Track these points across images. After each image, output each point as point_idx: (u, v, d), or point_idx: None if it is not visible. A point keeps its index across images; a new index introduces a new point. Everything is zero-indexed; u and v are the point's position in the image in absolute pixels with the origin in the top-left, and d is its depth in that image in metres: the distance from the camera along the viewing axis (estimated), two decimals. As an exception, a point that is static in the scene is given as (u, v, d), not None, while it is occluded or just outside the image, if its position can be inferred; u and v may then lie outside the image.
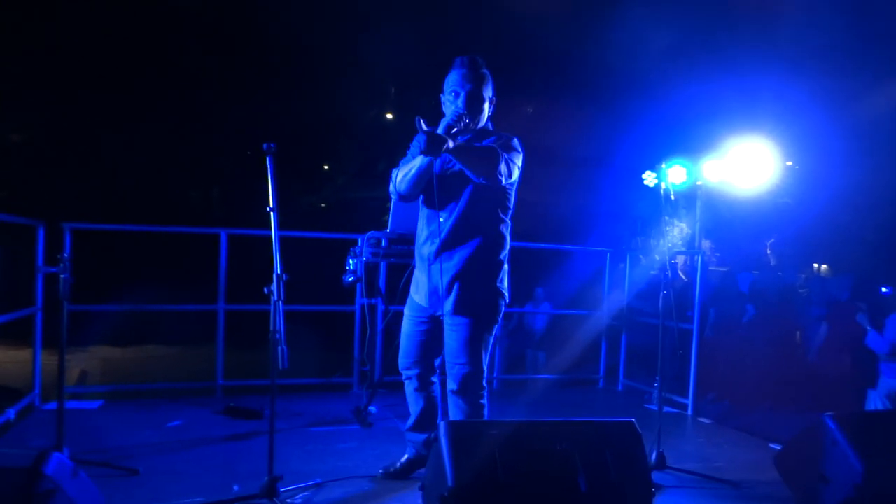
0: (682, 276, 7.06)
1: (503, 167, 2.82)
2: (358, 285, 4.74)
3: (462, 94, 2.90)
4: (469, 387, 2.97)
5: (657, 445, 3.53)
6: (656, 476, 3.43)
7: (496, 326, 3.07)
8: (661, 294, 3.67)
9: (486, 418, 3.01)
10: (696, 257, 5.44)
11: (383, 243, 4.20)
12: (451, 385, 3.00)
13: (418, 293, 3.12)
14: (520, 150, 2.98)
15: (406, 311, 3.21)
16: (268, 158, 2.89)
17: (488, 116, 3.05)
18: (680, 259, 8.31)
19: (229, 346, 4.86)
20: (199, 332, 5.50)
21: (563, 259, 8.25)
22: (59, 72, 14.26)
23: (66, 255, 3.11)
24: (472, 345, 2.95)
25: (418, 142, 2.62)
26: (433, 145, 2.60)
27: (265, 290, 2.81)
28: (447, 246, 2.95)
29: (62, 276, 3.07)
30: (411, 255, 4.22)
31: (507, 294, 3.07)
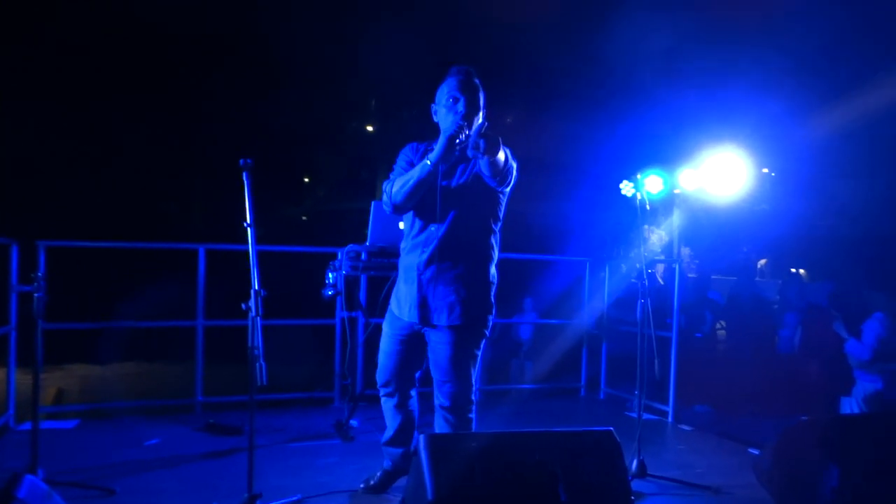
0: (661, 283, 7.13)
1: (511, 175, 2.84)
2: (338, 299, 4.72)
3: (462, 99, 2.82)
4: (459, 402, 2.92)
5: (637, 453, 3.55)
6: (637, 484, 3.46)
7: (484, 340, 3.02)
8: (639, 302, 3.70)
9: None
10: (673, 265, 5.50)
11: (363, 256, 4.20)
12: (442, 401, 2.94)
13: (400, 306, 3.01)
14: (514, 160, 2.96)
15: (385, 327, 3.12)
16: (244, 174, 2.88)
17: None
18: (659, 267, 8.40)
19: (209, 362, 4.82)
20: (179, 349, 5.44)
21: (543, 269, 8.29)
22: (32, 85, 14.12)
23: (40, 273, 3.07)
24: (464, 359, 2.91)
25: (477, 144, 2.54)
26: (493, 145, 2.57)
27: (243, 305, 2.80)
28: (438, 257, 2.88)
29: (36, 294, 3.03)
30: (392, 268, 4.23)
31: (494, 307, 3.05)
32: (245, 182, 2.88)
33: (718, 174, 5.83)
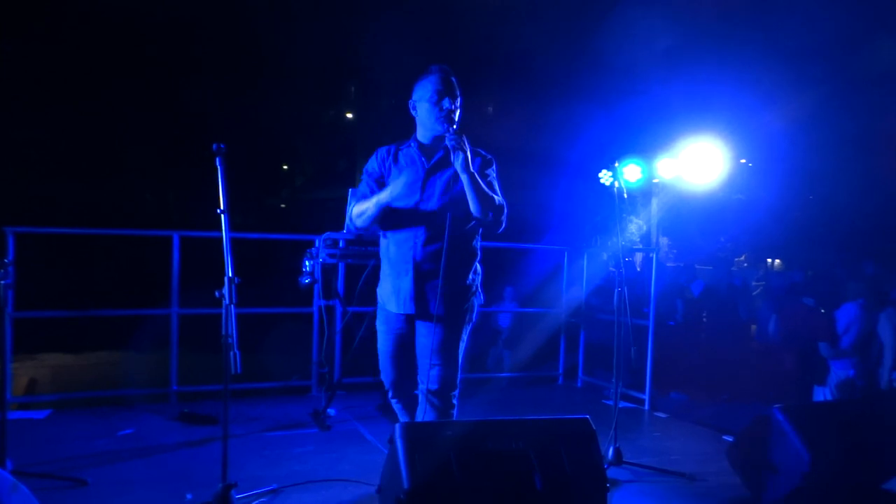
0: (639, 271, 7.18)
1: (502, 219, 2.93)
2: (315, 287, 4.68)
3: (447, 96, 2.87)
4: (447, 386, 2.94)
5: (614, 441, 3.58)
6: (613, 471, 3.48)
7: (471, 325, 3.06)
8: (616, 291, 3.72)
9: (455, 417, 2.99)
10: (650, 254, 5.53)
11: (340, 244, 4.17)
12: (431, 384, 2.93)
13: (393, 300, 2.98)
14: (497, 173, 3.02)
15: (380, 326, 3.07)
16: (217, 159, 2.83)
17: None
18: (638, 256, 8.46)
19: (185, 351, 4.76)
20: (154, 337, 5.36)
21: (522, 258, 8.31)
22: (3, 73, 13.80)
23: (9, 260, 3.00)
24: (455, 344, 2.95)
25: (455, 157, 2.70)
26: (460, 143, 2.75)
27: (216, 293, 2.75)
28: (430, 249, 2.90)
29: (3, 282, 2.96)
30: (369, 256, 4.21)
31: (481, 293, 3.09)
32: (218, 168, 2.83)
33: (696, 163, 5.86)
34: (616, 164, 4.16)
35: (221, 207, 2.82)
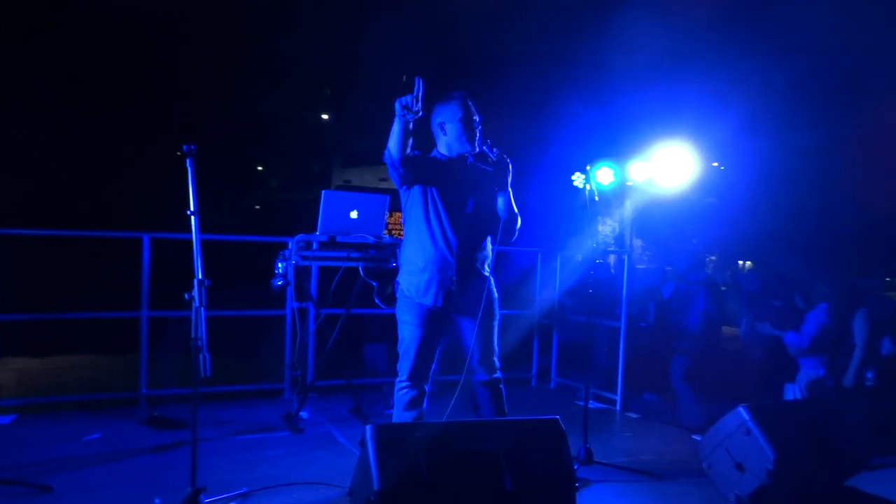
0: (613, 272, 7.24)
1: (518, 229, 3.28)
2: (288, 289, 4.65)
3: (473, 117, 3.19)
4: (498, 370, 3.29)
5: (584, 441, 3.61)
6: (584, 471, 3.51)
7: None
8: (588, 292, 3.75)
9: None
10: (623, 256, 5.59)
11: (314, 246, 4.15)
12: (497, 374, 3.28)
13: (426, 293, 3.14)
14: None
15: (406, 316, 3.19)
16: (187, 161, 2.81)
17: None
18: (612, 258, 8.53)
19: (155, 354, 4.70)
20: (123, 340, 5.28)
21: (495, 259, 8.32)
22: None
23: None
24: (495, 332, 3.27)
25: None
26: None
27: (186, 295, 2.73)
28: (463, 244, 3.15)
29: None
30: (343, 259, 4.20)
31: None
32: (188, 169, 2.81)
33: (667, 166, 5.93)
34: (588, 168, 4.20)
35: (192, 209, 2.80)
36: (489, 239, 3.27)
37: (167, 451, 3.73)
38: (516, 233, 3.29)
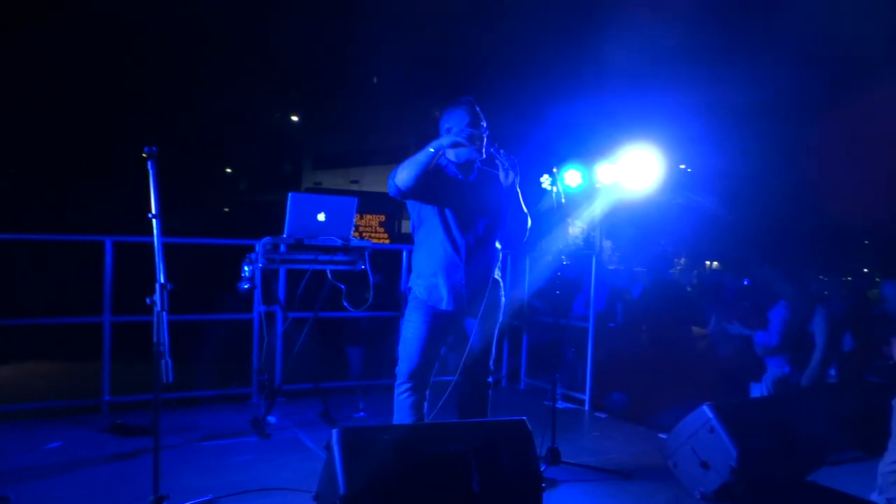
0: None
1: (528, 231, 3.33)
2: (255, 292, 4.59)
3: (480, 123, 3.19)
4: (489, 373, 3.37)
5: (552, 441, 3.63)
6: (551, 471, 3.53)
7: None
8: (555, 293, 3.78)
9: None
10: (591, 257, 5.64)
11: (281, 248, 4.11)
12: (489, 378, 3.37)
13: (438, 296, 3.18)
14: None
15: (414, 315, 3.21)
16: (149, 163, 2.77)
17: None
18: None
19: (118, 360, 4.60)
20: (84, 346, 5.16)
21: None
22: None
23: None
24: (493, 338, 3.35)
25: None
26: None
27: (147, 300, 2.68)
28: (473, 249, 3.21)
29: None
30: (310, 262, 4.17)
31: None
32: (150, 171, 2.77)
33: (634, 169, 6.02)
34: (555, 170, 4.23)
35: (153, 212, 2.76)
36: (497, 242, 3.32)
37: (130, 458, 3.65)
38: (526, 233, 3.32)
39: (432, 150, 3.05)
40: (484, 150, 3.19)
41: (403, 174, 3.08)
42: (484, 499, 2.42)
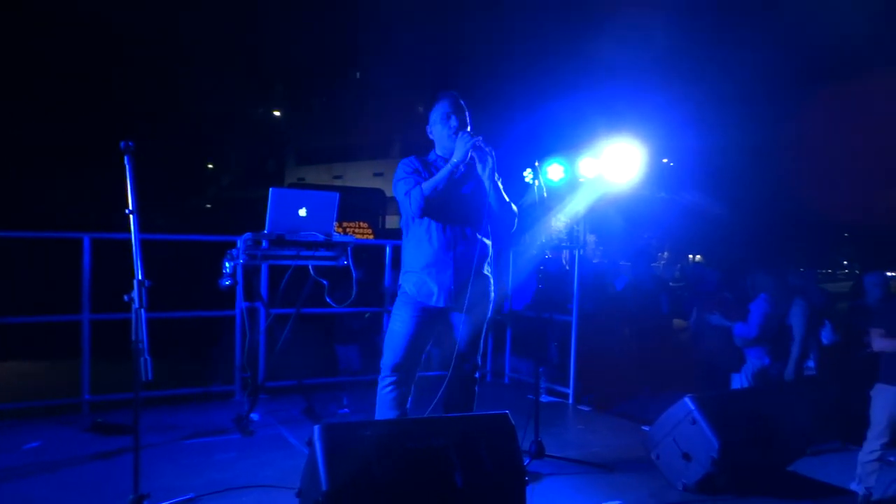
0: (567, 268, 7.32)
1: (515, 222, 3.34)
2: (237, 289, 4.56)
3: (454, 114, 3.25)
4: (476, 368, 3.39)
5: (536, 434, 3.64)
6: (535, 465, 3.54)
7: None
8: (538, 288, 3.78)
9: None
10: (575, 251, 5.65)
11: (263, 244, 4.07)
12: (476, 373, 3.39)
13: (428, 293, 3.18)
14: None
15: (401, 311, 3.22)
16: (126, 158, 2.73)
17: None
18: (566, 252, 8.63)
19: (98, 359, 4.54)
20: (64, 345, 5.09)
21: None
22: None
23: None
24: (482, 333, 3.35)
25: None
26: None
27: (125, 297, 2.65)
28: (463, 245, 3.21)
29: None
30: (292, 257, 4.13)
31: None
32: (127, 167, 2.73)
33: (617, 162, 6.02)
34: (537, 164, 4.23)
35: (130, 207, 2.72)
36: (486, 236, 3.31)
37: (110, 458, 3.61)
38: (514, 223, 3.32)
39: (456, 160, 3.11)
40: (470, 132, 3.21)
41: (432, 188, 3.11)
42: (467, 493, 2.41)
